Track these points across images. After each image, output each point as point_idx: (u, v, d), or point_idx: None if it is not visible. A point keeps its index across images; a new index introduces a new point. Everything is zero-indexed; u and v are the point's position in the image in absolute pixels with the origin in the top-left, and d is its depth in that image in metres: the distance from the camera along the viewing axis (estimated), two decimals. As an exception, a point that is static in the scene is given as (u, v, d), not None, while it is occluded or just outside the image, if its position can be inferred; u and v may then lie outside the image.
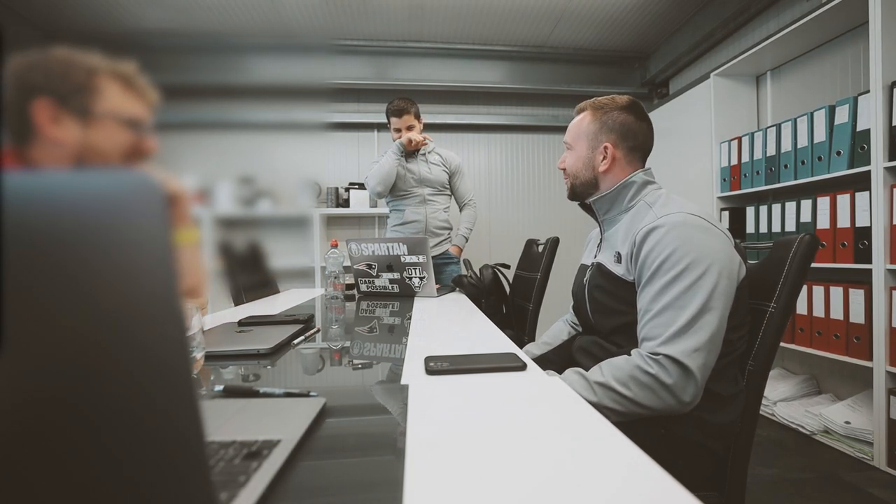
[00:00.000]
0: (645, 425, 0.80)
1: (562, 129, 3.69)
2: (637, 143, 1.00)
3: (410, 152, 2.28)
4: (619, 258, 0.94)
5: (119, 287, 0.21)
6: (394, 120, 2.25)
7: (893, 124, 1.69)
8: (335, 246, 1.73)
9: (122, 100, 0.67)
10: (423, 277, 1.63)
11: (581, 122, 1.04)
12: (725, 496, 0.79)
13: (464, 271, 1.93)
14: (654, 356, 0.78)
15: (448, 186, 2.38)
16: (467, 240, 2.44)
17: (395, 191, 2.29)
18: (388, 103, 2.28)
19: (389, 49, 3.36)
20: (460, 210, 2.45)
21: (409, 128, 2.24)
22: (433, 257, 2.32)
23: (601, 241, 1.06)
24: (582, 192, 1.06)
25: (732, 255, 0.83)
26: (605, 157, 1.00)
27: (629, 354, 0.83)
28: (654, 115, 3.18)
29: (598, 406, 0.77)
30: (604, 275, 0.98)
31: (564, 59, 3.52)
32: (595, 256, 1.05)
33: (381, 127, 3.52)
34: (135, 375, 0.21)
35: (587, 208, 1.08)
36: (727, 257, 0.81)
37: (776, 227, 2.20)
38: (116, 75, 0.67)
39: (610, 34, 3.25)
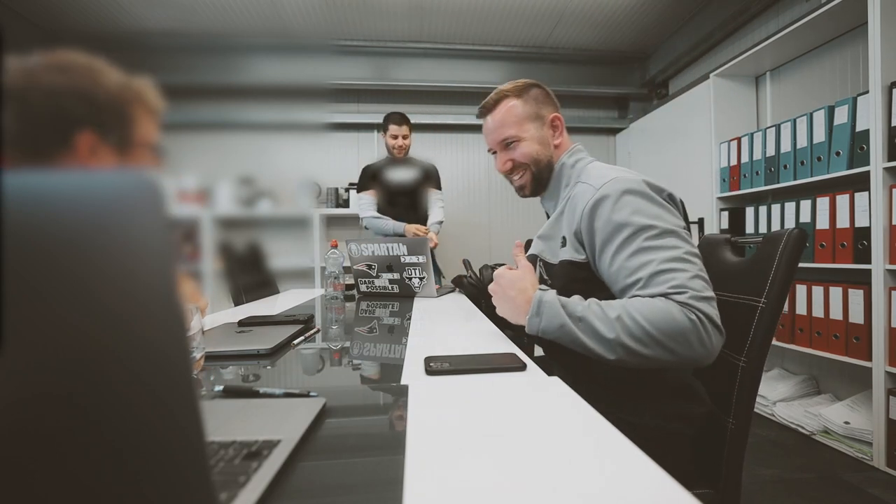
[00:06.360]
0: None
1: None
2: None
3: (395, 162, 2.51)
4: (564, 242, 0.89)
5: (118, 286, 0.21)
6: (392, 127, 2.46)
7: (893, 125, 1.69)
8: (335, 246, 1.73)
9: (150, 125, 0.66)
10: (423, 278, 1.63)
11: (512, 110, 0.98)
12: (721, 493, 0.79)
13: (464, 271, 1.93)
14: (684, 303, 0.70)
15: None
16: (437, 233, 2.55)
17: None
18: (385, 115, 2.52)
19: (389, 49, 3.36)
20: (429, 209, 2.59)
21: (405, 136, 2.48)
22: None
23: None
24: (545, 179, 1.00)
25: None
26: (557, 130, 0.98)
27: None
28: (653, 116, 3.20)
29: (612, 342, 0.71)
30: (556, 269, 0.90)
31: (564, 59, 3.53)
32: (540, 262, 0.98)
33: (381, 127, 3.52)
34: (135, 374, 0.21)
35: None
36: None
37: (776, 228, 2.20)
38: (145, 100, 0.65)
39: (610, 34, 3.25)
